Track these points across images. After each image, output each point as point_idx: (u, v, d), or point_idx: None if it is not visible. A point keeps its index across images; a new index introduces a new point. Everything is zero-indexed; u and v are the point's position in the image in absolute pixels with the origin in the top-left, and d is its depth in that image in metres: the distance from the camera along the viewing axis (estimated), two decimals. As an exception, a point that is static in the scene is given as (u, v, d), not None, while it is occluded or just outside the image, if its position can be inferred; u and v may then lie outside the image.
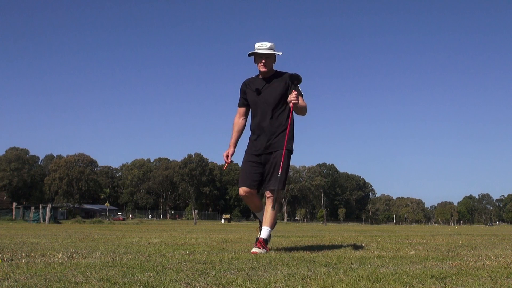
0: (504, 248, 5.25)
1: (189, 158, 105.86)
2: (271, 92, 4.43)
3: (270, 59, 4.46)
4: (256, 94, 4.46)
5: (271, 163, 4.36)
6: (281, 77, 4.48)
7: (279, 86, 4.44)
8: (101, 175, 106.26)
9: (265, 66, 4.44)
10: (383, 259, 3.69)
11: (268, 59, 4.44)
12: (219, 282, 2.37)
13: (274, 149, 4.39)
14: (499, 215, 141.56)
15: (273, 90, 4.44)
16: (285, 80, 4.45)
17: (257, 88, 4.47)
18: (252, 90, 4.51)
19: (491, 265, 3.26)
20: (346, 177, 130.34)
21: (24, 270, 2.77)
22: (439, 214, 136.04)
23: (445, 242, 6.77)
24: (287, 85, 4.44)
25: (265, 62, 4.42)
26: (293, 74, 4.41)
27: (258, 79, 4.54)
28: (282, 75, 4.50)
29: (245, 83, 4.61)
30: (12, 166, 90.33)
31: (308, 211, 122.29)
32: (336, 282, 2.39)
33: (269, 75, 4.50)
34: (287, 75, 4.48)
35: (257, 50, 4.41)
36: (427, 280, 2.48)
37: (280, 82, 4.45)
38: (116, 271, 2.76)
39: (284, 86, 4.43)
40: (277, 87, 4.44)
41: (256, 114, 4.50)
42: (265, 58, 4.42)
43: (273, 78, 4.49)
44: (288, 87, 4.45)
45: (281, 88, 4.43)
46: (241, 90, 4.63)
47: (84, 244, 5.64)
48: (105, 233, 10.13)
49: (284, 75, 4.49)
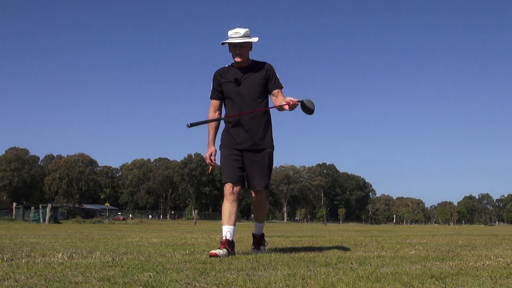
0: (504, 248, 5.25)
1: (189, 158, 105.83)
2: (252, 84, 4.13)
3: (246, 48, 4.12)
4: (235, 84, 4.13)
5: (258, 162, 4.13)
6: (262, 68, 4.19)
7: (259, 78, 4.15)
8: (101, 175, 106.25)
9: (240, 56, 4.10)
10: (383, 259, 3.69)
11: (244, 48, 4.10)
12: (219, 282, 2.37)
13: (260, 146, 4.14)
14: (499, 215, 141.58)
15: (253, 81, 4.14)
16: (265, 71, 4.16)
17: (236, 78, 4.13)
18: (229, 81, 4.16)
19: (491, 265, 3.26)
20: (346, 177, 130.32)
21: (24, 270, 2.77)
22: (439, 214, 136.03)
23: (445, 242, 6.77)
24: (268, 76, 4.16)
25: (239, 52, 4.09)
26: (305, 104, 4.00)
27: (233, 69, 4.20)
28: (262, 66, 4.20)
29: (219, 73, 4.24)
30: (12, 166, 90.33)
31: (308, 211, 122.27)
32: (336, 282, 2.39)
33: (246, 64, 4.18)
34: (267, 65, 4.20)
35: (230, 39, 4.06)
36: (427, 280, 2.48)
37: (260, 73, 4.16)
38: (116, 271, 2.76)
39: (264, 78, 4.15)
40: (257, 78, 4.14)
41: (234, 107, 4.15)
42: (239, 48, 4.09)
43: (251, 68, 4.18)
44: (268, 79, 4.17)
45: (262, 80, 4.15)
46: (214, 81, 4.25)
47: (84, 244, 5.64)
48: (105, 233, 10.13)
49: (264, 65, 4.20)
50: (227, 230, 4.00)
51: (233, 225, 4.05)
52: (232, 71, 4.19)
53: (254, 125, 4.13)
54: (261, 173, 4.13)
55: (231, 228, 4.03)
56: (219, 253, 3.77)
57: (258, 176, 4.13)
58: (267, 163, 4.17)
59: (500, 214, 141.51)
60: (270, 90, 4.19)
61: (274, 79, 4.20)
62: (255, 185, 4.15)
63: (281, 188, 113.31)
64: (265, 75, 4.17)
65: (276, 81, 4.20)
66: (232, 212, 4.06)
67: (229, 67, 4.24)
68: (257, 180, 4.13)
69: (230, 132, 4.19)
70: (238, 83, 4.12)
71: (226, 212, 4.06)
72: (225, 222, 4.03)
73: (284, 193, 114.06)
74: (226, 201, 4.08)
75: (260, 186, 4.15)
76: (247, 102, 4.10)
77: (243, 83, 4.12)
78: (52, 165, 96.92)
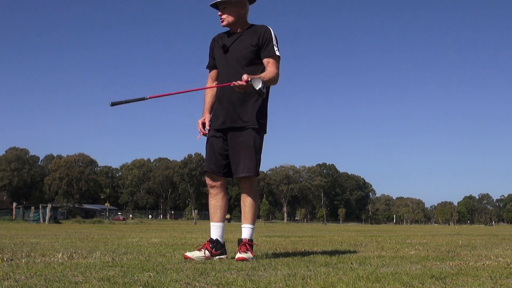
0: (504, 248, 5.25)
1: (189, 158, 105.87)
2: (240, 49, 3.55)
3: (232, 8, 3.53)
4: (222, 52, 3.59)
5: (238, 143, 3.51)
6: (254, 30, 3.59)
7: (248, 43, 3.54)
8: (101, 175, 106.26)
9: (222, 19, 3.56)
10: (383, 259, 3.68)
11: (228, 8, 3.53)
12: (219, 282, 2.37)
13: (241, 123, 3.52)
14: (499, 215, 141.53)
15: (241, 47, 3.55)
16: (258, 34, 3.55)
17: (224, 45, 3.59)
18: (219, 48, 3.65)
19: (491, 265, 3.26)
20: (346, 177, 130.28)
21: (24, 270, 2.77)
22: (439, 214, 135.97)
23: (445, 242, 6.77)
24: (261, 42, 3.54)
25: (221, 13, 3.56)
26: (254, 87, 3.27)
27: (228, 34, 3.68)
28: (257, 30, 3.59)
29: (214, 39, 3.75)
30: (12, 166, 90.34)
31: (308, 211, 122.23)
32: (336, 282, 2.38)
33: (240, 28, 3.62)
34: (262, 27, 3.59)
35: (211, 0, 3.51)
36: (427, 280, 2.48)
37: (251, 37, 3.56)
38: (116, 271, 2.76)
39: (255, 42, 3.54)
40: (246, 43, 3.55)
41: (221, 77, 3.63)
42: (222, 9, 3.55)
43: (246, 33, 3.61)
44: (263, 42, 3.54)
45: (252, 46, 3.53)
46: (210, 48, 3.77)
47: (84, 244, 5.64)
48: (105, 233, 10.13)
49: (258, 28, 3.60)
50: (212, 228, 3.60)
51: (220, 221, 3.60)
52: (226, 36, 3.68)
53: (236, 99, 3.52)
54: (244, 155, 3.49)
55: (217, 225, 3.59)
56: (193, 256, 3.43)
57: (241, 159, 3.49)
58: (251, 143, 3.50)
59: (500, 214, 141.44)
60: (262, 57, 3.57)
61: (266, 45, 3.55)
62: (239, 170, 3.50)
63: (281, 188, 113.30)
64: (257, 40, 3.54)
65: (268, 47, 3.54)
66: (217, 207, 3.61)
67: (226, 32, 3.72)
68: (241, 164, 3.49)
69: (214, 108, 3.70)
70: (226, 50, 3.57)
71: (210, 208, 3.64)
72: (211, 219, 3.63)
73: (284, 193, 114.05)
74: (209, 196, 3.64)
75: (244, 171, 3.48)
76: (232, 73, 3.51)
77: (231, 50, 3.57)
78: (52, 165, 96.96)
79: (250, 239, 3.54)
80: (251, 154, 3.50)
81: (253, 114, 3.53)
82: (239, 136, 3.52)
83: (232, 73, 3.53)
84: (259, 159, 3.56)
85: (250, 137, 3.51)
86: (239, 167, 3.51)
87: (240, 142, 3.51)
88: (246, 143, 3.51)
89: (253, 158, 3.51)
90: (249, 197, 3.59)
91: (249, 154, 3.50)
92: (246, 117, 3.52)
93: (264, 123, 3.60)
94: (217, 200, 3.61)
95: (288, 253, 4.21)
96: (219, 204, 3.60)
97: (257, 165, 3.55)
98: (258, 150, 3.56)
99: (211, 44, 3.76)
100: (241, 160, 3.49)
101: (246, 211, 3.60)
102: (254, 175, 3.52)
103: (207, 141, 3.67)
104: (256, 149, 3.53)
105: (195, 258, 3.40)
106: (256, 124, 3.53)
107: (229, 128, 3.55)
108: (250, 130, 3.52)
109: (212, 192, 3.62)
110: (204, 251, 3.46)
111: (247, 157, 3.49)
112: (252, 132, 3.52)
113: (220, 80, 3.64)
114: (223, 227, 3.62)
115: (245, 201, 3.61)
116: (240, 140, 3.51)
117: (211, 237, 3.55)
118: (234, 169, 3.54)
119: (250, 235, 3.56)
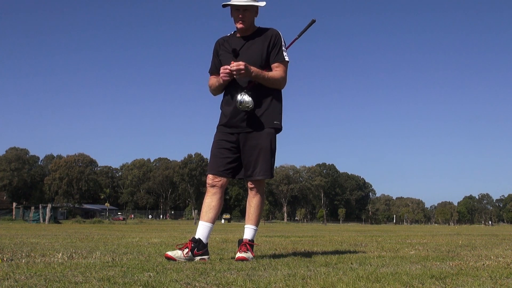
0: (504, 248, 5.25)
1: (189, 158, 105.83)
2: (251, 54, 3.51)
3: (250, 12, 3.51)
4: (233, 56, 3.50)
5: (253, 146, 3.48)
6: (264, 34, 3.57)
7: (261, 47, 3.53)
8: (101, 175, 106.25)
9: (243, 21, 3.50)
10: (383, 259, 3.69)
11: (247, 11, 3.49)
12: (219, 282, 2.37)
13: (257, 126, 3.49)
14: (499, 215, 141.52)
15: (253, 52, 3.52)
16: (269, 38, 3.54)
17: (234, 49, 3.51)
18: (227, 51, 3.59)
19: (491, 265, 3.26)
20: (346, 177, 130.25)
21: (24, 270, 2.77)
22: (439, 214, 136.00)
23: (445, 242, 6.77)
24: (272, 44, 3.54)
25: (242, 16, 3.49)
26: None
27: (235, 38, 3.63)
28: (265, 32, 3.58)
29: (219, 43, 3.69)
30: (12, 166, 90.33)
31: (308, 211, 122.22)
32: (336, 282, 2.38)
33: (249, 32, 3.59)
34: (272, 32, 3.59)
35: (233, 0, 3.47)
36: (427, 280, 2.48)
37: (262, 41, 3.54)
38: (116, 271, 2.76)
39: (266, 46, 3.53)
40: (258, 48, 3.53)
41: (230, 83, 3.55)
42: (242, 12, 3.49)
43: (255, 36, 3.57)
44: (273, 47, 3.53)
45: (264, 50, 3.53)
46: (214, 52, 3.71)
47: (84, 244, 5.64)
48: (105, 233, 10.13)
49: (268, 32, 3.58)
50: (200, 227, 3.49)
51: (210, 222, 3.49)
52: (233, 40, 3.62)
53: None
54: (261, 158, 3.47)
55: (206, 225, 3.49)
56: (174, 255, 3.34)
57: (258, 161, 3.47)
58: (268, 145, 3.49)
59: (500, 214, 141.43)
60: (270, 63, 3.56)
61: (277, 50, 3.55)
62: (255, 173, 3.48)
63: (281, 188, 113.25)
64: (268, 44, 3.54)
65: (278, 52, 3.55)
66: (211, 207, 3.51)
67: (231, 35, 3.68)
68: (257, 167, 3.47)
69: (223, 111, 3.63)
70: (236, 54, 3.49)
71: (204, 207, 3.53)
72: (201, 217, 3.52)
73: (284, 193, 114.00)
74: (206, 194, 3.56)
75: (260, 174, 3.47)
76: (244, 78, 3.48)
77: (241, 55, 3.50)
78: (52, 165, 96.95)
79: (251, 240, 3.54)
80: (267, 157, 3.50)
81: (271, 114, 3.53)
82: (253, 138, 3.50)
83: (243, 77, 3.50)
84: (273, 161, 3.57)
85: (266, 139, 3.50)
86: (255, 169, 3.49)
87: (255, 144, 3.49)
88: (261, 145, 3.49)
89: (269, 161, 3.51)
90: (257, 198, 3.58)
91: (265, 157, 3.49)
92: (263, 117, 3.50)
93: (280, 124, 3.58)
94: (213, 200, 3.54)
95: (288, 253, 4.21)
96: (213, 204, 3.54)
97: (272, 168, 3.56)
98: (273, 152, 3.56)
99: (216, 47, 3.71)
100: (258, 163, 3.48)
101: (251, 212, 3.58)
102: (270, 177, 3.52)
103: (213, 143, 3.63)
104: (272, 151, 3.53)
105: (176, 258, 3.33)
106: (272, 125, 3.53)
107: (245, 131, 3.52)
108: (266, 132, 3.51)
109: (211, 191, 3.56)
110: (185, 250, 3.38)
111: (264, 159, 3.49)
112: (268, 134, 3.51)
113: (229, 84, 3.59)
114: (211, 229, 3.52)
115: (252, 201, 3.58)
116: (255, 143, 3.49)
117: (194, 236, 3.45)
118: (250, 171, 3.51)
119: (252, 236, 3.55)
